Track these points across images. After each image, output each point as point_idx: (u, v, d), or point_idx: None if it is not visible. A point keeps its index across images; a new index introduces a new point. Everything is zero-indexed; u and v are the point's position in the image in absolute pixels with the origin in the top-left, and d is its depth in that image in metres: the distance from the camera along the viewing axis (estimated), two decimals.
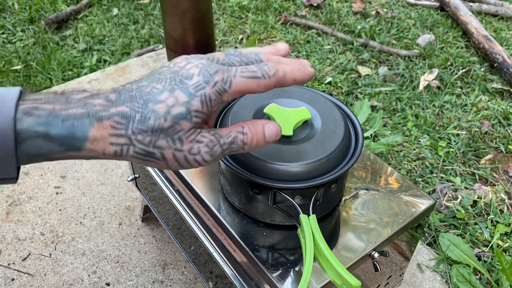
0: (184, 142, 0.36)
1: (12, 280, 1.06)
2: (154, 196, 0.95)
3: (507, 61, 1.75)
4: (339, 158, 0.57)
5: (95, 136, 0.34)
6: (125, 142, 0.35)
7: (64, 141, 0.34)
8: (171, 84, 0.36)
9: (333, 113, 0.61)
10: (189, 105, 0.36)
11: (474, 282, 1.04)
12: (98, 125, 0.34)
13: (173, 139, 0.36)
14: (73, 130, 0.33)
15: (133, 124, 0.35)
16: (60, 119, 0.33)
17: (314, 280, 0.55)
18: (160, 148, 0.36)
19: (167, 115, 0.35)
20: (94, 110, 0.34)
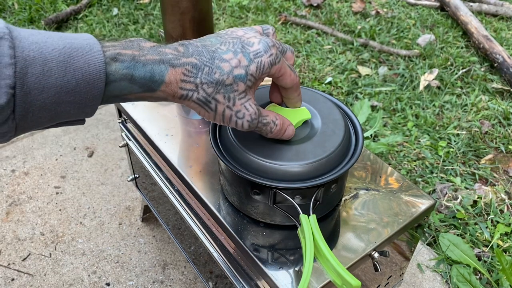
0: (236, 103, 0.42)
1: (12, 280, 1.06)
2: (154, 196, 0.95)
3: (507, 61, 1.75)
4: (339, 158, 0.57)
5: (170, 79, 0.39)
6: (192, 88, 0.40)
7: (144, 83, 0.38)
8: (234, 47, 0.42)
9: (333, 113, 0.61)
10: (247, 69, 0.42)
11: (474, 282, 1.04)
12: (172, 71, 0.39)
13: (228, 97, 0.42)
14: (153, 73, 0.38)
15: (201, 75, 0.40)
16: (141, 63, 0.37)
17: (314, 280, 0.55)
18: (216, 100, 0.41)
19: (230, 74, 0.41)
20: (167, 58, 0.39)
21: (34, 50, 0.32)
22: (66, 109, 0.35)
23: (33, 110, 0.33)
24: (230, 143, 0.57)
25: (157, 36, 2.02)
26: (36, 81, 0.32)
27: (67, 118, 0.37)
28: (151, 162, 0.84)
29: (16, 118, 0.33)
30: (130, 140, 0.91)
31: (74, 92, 0.34)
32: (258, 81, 0.45)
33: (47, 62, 0.33)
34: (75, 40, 0.35)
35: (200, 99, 0.41)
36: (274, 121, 0.49)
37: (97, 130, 1.51)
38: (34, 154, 1.42)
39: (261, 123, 0.47)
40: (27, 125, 0.34)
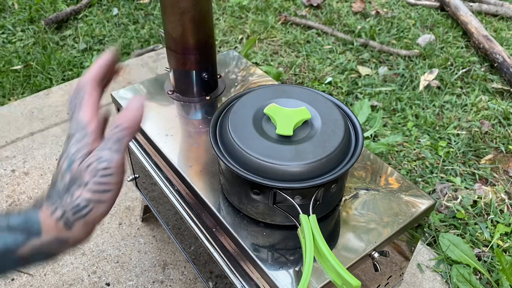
0: (84, 175, 0.40)
1: (12, 280, 1.06)
2: (154, 196, 0.95)
3: (507, 61, 1.75)
4: (339, 158, 0.57)
5: (44, 217, 0.40)
6: (61, 212, 0.40)
7: (24, 228, 0.39)
8: (58, 163, 0.42)
9: (333, 113, 0.61)
10: (68, 155, 0.41)
11: (474, 282, 1.04)
12: (40, 210, 0.40)
13: (79, 182, 0.40)
14: (28, 217, 0.39)
15: (55, 198, 0.40)
16: (15, 213, 0.39)
17: (314, 280, 0.55)
18: (78, 196, 0.40)
19: (63, 175, 0.41)
20: (33, 204, 0.41)
21: None
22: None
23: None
24: (230, 143, 0.57)
25: (157, 36, 2.03)
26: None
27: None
28: (151, 162, 0.84)
29: None
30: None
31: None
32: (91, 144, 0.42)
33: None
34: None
35: (74, 211, 0.40)
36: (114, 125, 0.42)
37: None
38: (34, 154, 1.42)
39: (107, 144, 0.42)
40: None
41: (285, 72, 1.82)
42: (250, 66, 0.97)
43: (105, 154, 0.40)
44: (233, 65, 0.97)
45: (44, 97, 1.65)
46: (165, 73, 0.93)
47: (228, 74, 0.94)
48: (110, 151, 0.41)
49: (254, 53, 1.92)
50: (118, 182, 0.41)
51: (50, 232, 0.40)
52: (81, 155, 0.41)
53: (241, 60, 0.99)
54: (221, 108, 0.65)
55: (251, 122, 0.59)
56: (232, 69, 0.96)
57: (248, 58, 1.87)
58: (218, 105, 0.85)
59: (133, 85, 0.92)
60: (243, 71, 0.95)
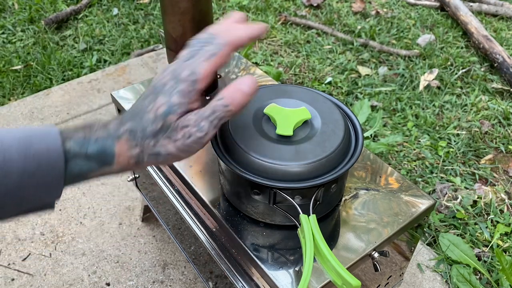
0: (177, 131, 0.42)
1: (12, 280, 1.06)
2: (154, 196, 0.95)
3: (507, 61, 1.75)
4: (339, 158, 0.57)
5: (119, 151, 0.41)
6: (138, 151, 0.42)
7: (99, 158, 0.40)
8: (152, 95, 0.43)
9: (333, 113, 0.61)
10: (169, 103, 0.42)
11: (474, 282, 1.04)
12: (117, 142, 0.41)
13: (169, 134, 0.42)
14: (104, 148, 0.40)
15: (139, 135, 0.42)
16: (93, 140, 0.40)
17: (314, 280, 0.55)
18: (163, 145, 0.42)
19: (156, 118, 0.42)
20: (111, 132, 0.42)
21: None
22: (30, 193, 0.38)
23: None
24: (230, 143, 0.57)
25: (157, 36, 2.03)
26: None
27: (33, 203, 0.39)
28: None
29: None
30: None
31: (36, 175, 0.37)
32: (194, 102, 0.43)
33: (6, 151, 0.36)
34: (31, 128, 0.38)
35: (151, 155, 0.42)
36: (218, 98, 0.43)
37: None
38: None
39: (210, 115, 0.42)
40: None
41: (285, 72, 1.82)
42: (250, 66, 0.97)
43: (204, 125, 0.43)
44: (233, 65, 0.98)
45: (44, 97, 1.65)
46: None
47: (228, 74, 0.94)
48: (209, 124, 0.43)
49: (254, 53, 1.92)
50: (199, 149, 0.45)
51: (121, 165, 0.42)
52: (181, 111, 0.42)
53: (241, 60, 0.99)
54: None
55: (251, 122, 0.59)
56: (232, 69, 0.96)
57: (248, 58, 1.87)
58: None
59: (133, 85, 0.92)
60: (243, 71, 0.95)
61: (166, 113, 0.42)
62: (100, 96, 1.66)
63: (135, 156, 0.42)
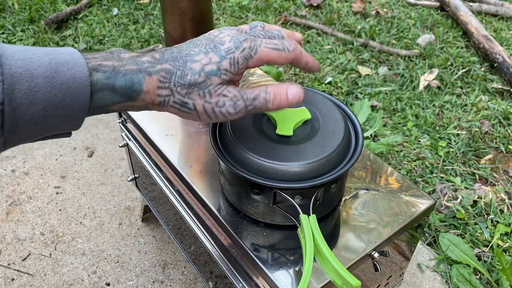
0: (212, 95, 0.43)
1: (12, 280, 1.06)
2: (154, 196, 0.95)
3: (507, 61, 1.75)
4: (339, 158, 0.57)
5: (148, 88, 0.40)
6: (167, 93, 0.41)
7: (125, 92, 0.39)
8: (206, 48, 0.43)
9: (333, 113, 0.61)
10: (219, 65, 0.42)
11: (474, 282, 1.04)
12: (148, 79, 0.40)
13: (204, 92, 0.42)
14: (132, 82, 0.39)
15: (174, 79, 0.41)
16: (121, 73, 0.39)
17: (314, 280, 0.55)
18: (193, 99, 0.42)
19: (201, 72, 0.42)
20: (144, 67, 0.40)
21: (21, 66, 0.34)
22: (53, 123, 0.37)
23: (21, 124, 0.35)
24: (230, 143, 0.57)
25: (157, 36, 2.02)
26: (23, 96, 0.34)
27: (54, 131, 0.38)
28: (151, 162, 0.84)
29: (5, 133, 0.34)
30: (130, 140, 0.91)
31: (61, 106, 0.36)
32: (237, 75, 0.45)
33: (34, 78, 0.34)
34: (59, 55, 0.36)
35: (177, 101, 0.42)
36: (264, 90, 0.45)
37: (97, 130, 1.51)
38: (34, 154, 1.42)
39: (249, 100, 0.45)
40: (16, 139, 0.36)
41: (285, 72, 1.82)
42: None
43: (240, 105, 0.44)
44: None
45: None
46: None
47: None
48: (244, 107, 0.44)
49: None
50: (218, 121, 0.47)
51: (144, 102, 0.42)
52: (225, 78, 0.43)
53: None
54: None
55: (251, 122, 0.59)
56: None
57: None
58: None
59: None
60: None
61: (213, 73, 0.42)
62: None
63: (162, 97, 0.41)
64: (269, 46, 0.45)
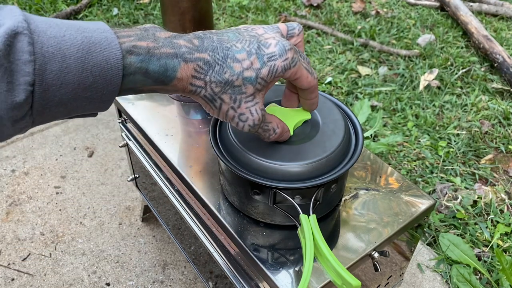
0: (241, 105, 0.42)
1: (12, 280, 1.06)
2: (154, 196, 0.95)
3: (507, 61, 1.75)
4: (339, 158, 0.57)
5: (182, 75, 0.39)
6: (201, 85, 0.40)
7: (158, 77, 0.38)
8: (249, 47, 0.41)
9: (333, 113, 0.61)
10: (258, 72, 0.41)
11: (474, 282, 1.04)
12: (184, 66, 0.39)
13: (235, 98, 0.42)
14: (167, 68, 0.38)
15: (212, 73, 0.40)
16: (156, 57, 0.37)
17: (314, 280, 0.55)
18: (222, 100, 0.42)
19: (240, 75, 0.40)
20: (181, 51, 0.39)
21: (53, 45, 0.32)
22: (82, 104, 0.35)
23: (50, 106, 0.33)
24: (230, 143, 0.57)
25: None
26: (54, 78, 0.32)
27: (82, 112, 0.37)
28: (151, 162, 0.84)
29: (34, 114, 0.33)
30: (130, 140, 0.91)
31: (91, 88, 0.34)
32: (269, 84, 0.44)
33: (65, 58, 0.32)
34: (92, 34, 0.34)
35: (207, 96, 0.41)
36: (275, 129, 0.49)
37: (97, 130, 1.51)
38: (34, 154, 1.42)
39: (261, 129, 0.47)
40: (44, 119, 0.35)
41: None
42: None
43: (255, 128, 0.46)
44: None
45: None
46: None
47: None
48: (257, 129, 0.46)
49: None
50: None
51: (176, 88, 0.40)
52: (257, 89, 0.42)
53: None
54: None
55: None
56: None
57: None
58: None
59: None
60: None
61: (250, 80, 0.41)
62: None
63: (194, 87, 0.40)
64: (305, 65, 0.45)
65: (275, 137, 0.50)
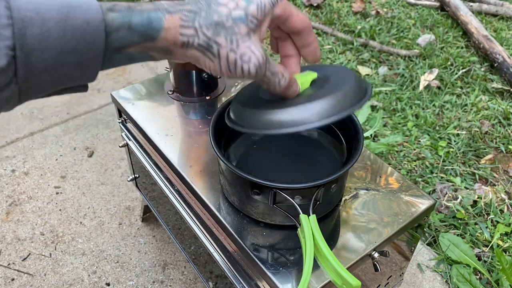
0: (240, 45, 0.40)
1: (12, 280, 1.06)
2: (154, 196, 0.95)
3: (507, 61, 1.75)
4: (355, 95, 0.51)
5: (169, 25, 0.38)
6: (192, 33, 0.39)
7: (144, 30, 0.37)
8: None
9: (341, 71, 0.57)
10: (247, 10, 0.40)
11: (474, 282, 1.04)
12: (169, 17, 0.38)
13: (231, 39, 0.40)
14: (150, 19, 0.37)
15: (199, 18, 0.39)
16: (137, 12, 0.37)
17: (314, 280, 0.55)
18: (218, 44, 0.40)
19: (228, 16, 0.40)
20: (163, 7, 0.38)
21: (31, 10, 0.32)
22: (68, 71, 0.35)
23: (35, 73, 0.33)
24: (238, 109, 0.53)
25: None
26: (35, 42, 0.32)
27: (70, 82, 0.36)
28: (151, 162, 0.84)
29: (19, 82, 0.33)
30: (130, 140, 0.91)
31: (75, 52, 0.34)
32: (262, 24, 0.43)
33: (45, 22, 0.32)
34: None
35: (202, 44, 0.40)
36: (283, 73, 0.46)
37: (97, 130, 1.51)
38: (34, 154, 1.42)
39: (269, 71, 0.44)
40: (31, 90, 0.34)
41: None
42: None
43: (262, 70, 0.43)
44: None
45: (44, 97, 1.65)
46: (165, 73, 0.93)
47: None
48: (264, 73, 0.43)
49: None
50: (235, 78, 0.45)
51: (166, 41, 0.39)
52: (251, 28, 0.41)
53: None
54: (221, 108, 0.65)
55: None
56: None
57: None
58: (218, 105, 0.85)
59: (133, 85, 0.92)
60: None
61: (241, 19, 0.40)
62: (100, 96, 1.66)
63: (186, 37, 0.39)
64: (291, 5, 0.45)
65: (285, 84, 0.46)
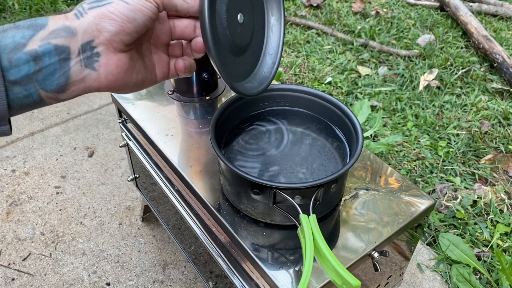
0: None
1: (12, 280, 1.06)
2: (154, 196, 0.95)
3: (507, 61, 1.75)
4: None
5: (52, 16, 0.39)
6: (77, 9, 0.40)
7: (30, 24, 0.38)
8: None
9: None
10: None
11: (474, 282, 1.04)
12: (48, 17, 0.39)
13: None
14: (34, 18, 0.39)
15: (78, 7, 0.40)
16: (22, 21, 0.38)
17: (314, 280, 0.56)
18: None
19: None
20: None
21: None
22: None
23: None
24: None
25: None
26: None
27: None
28: (151, 162, 0.84)
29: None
30: (130, 140, 0.91)
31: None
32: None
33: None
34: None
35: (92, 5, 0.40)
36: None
37: (97, 130, 1.51)
38: (34, 154, 1.42)
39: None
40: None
41: (285, 72, 1.82)
42: None
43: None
44: None
45: None
46: None
47: None
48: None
49: None
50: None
51: (57, 21, 0.39)
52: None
53: None
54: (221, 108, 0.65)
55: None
56: None
57: None
58: (218, 105, 0.85)
59: None
60: None
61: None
62: (100, 96, 1.66)
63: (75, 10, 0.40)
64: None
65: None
